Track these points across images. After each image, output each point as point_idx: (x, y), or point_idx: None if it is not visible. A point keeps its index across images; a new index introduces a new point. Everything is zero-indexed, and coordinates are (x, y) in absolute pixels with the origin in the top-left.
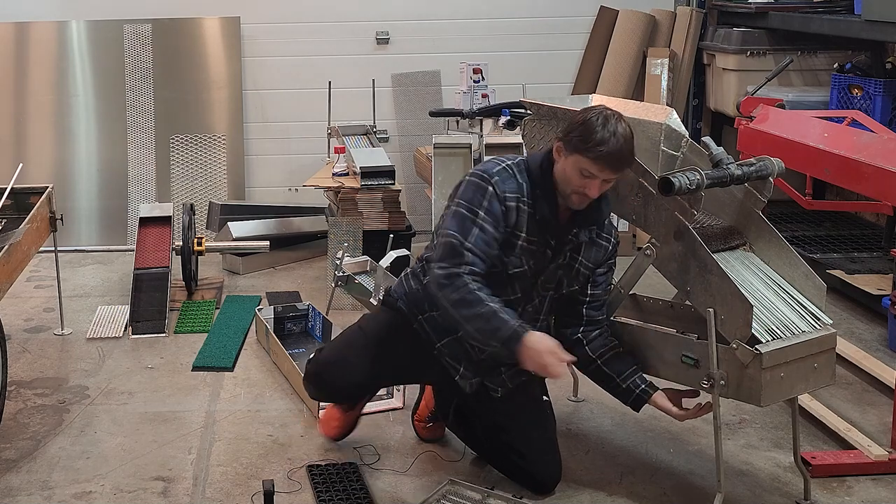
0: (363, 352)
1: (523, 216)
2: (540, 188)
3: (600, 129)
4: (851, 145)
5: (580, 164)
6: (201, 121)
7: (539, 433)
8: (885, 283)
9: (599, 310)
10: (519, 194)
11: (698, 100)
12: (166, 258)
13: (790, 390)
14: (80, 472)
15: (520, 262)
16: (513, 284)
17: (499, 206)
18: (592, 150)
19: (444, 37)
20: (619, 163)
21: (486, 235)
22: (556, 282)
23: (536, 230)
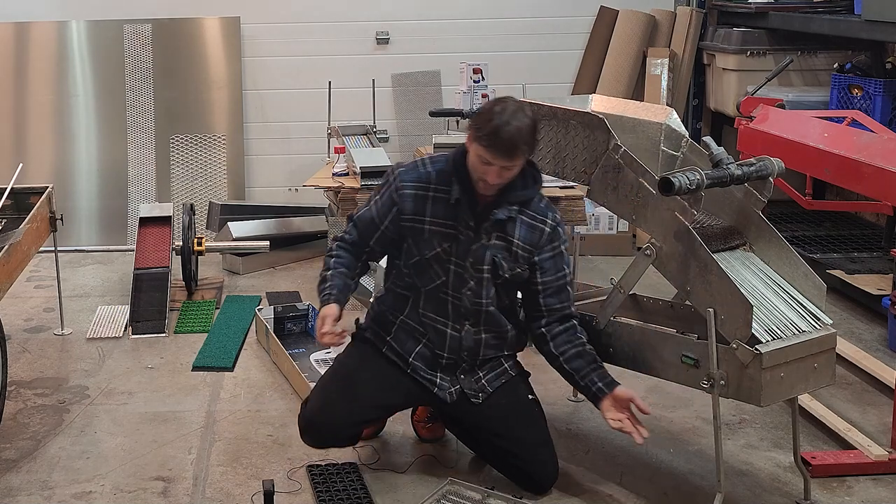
0: (345, 393)
1: (427, 202)
2: (455, 174)
3: (496, 118)
4: (851, 145)
5: (478, 152)
6: (201, 121)
7: (531, 434)
8: (885, 283)
9: (557, 298)
10: (421, 182)
11: (698, 100)
12: (166, 258)
13: (790, 390)
14: (80, 472)
15: (432, 245)
16: (433, 268)
17: (389, 196)
18: (485, 139)
19: (444, 37)
20: (509, 151)
21: (368, 214)
22: (492, 264)
23: (451, 213)
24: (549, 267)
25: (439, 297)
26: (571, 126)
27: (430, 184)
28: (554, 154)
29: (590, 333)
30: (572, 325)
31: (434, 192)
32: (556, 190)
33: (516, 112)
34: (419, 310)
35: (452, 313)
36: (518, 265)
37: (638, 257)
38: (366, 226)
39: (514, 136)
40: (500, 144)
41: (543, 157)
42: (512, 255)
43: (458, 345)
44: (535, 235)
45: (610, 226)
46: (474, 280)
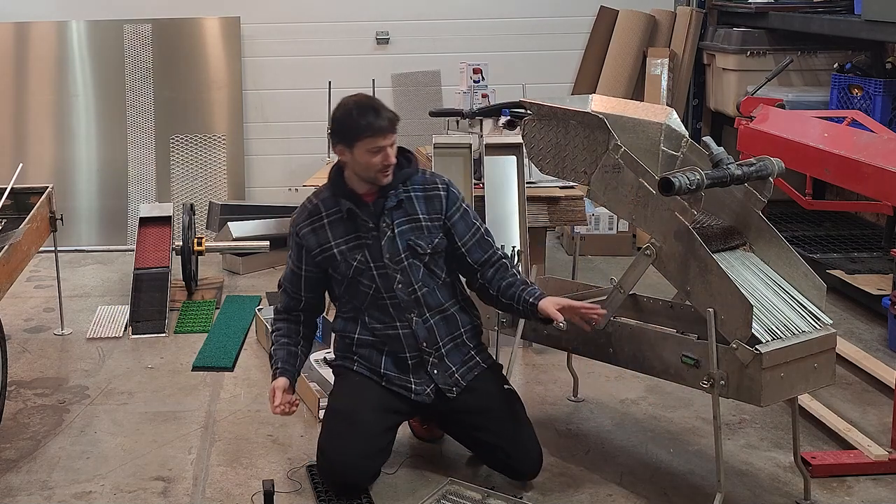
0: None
1: (325, 229)
2: (338, 192)
3: (357, 111)
4: (851, 145)
5: (366, 147)
6: (201, 121)
7: (510, 424)
8: (885, 283)
9: (480, 250)
10: (312, 217)
11: (698, 100)
12: (166, 258)
13: (790, 390)
14: (80, 472)
15: (350, 263)
16: (361, 281)
17: (296, 244)
18: (367, 129)
19: (444, 37)
20: (391, 122)
21: (290, 274)
22: (407, 249)
23: (350, 226)
24: (461, 227)
25: (378, 304)
26: (571, 126)
27: (321, 212)
28: (554, 154)
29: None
30: (501, 265)
31: (327, 217)
32: (556, 190)
33: (360, 97)
34: (368, 325)
35: (395, 312)
36: (433, 236)
37: (638, 257)
38: (291, 282)
39: (382, 110)
40: (381, 123)
41: (543, 157)
42: (424, 230)
43: (414, 339)
44: (435, 204)
45: (610, 226)
46: (399, 272)
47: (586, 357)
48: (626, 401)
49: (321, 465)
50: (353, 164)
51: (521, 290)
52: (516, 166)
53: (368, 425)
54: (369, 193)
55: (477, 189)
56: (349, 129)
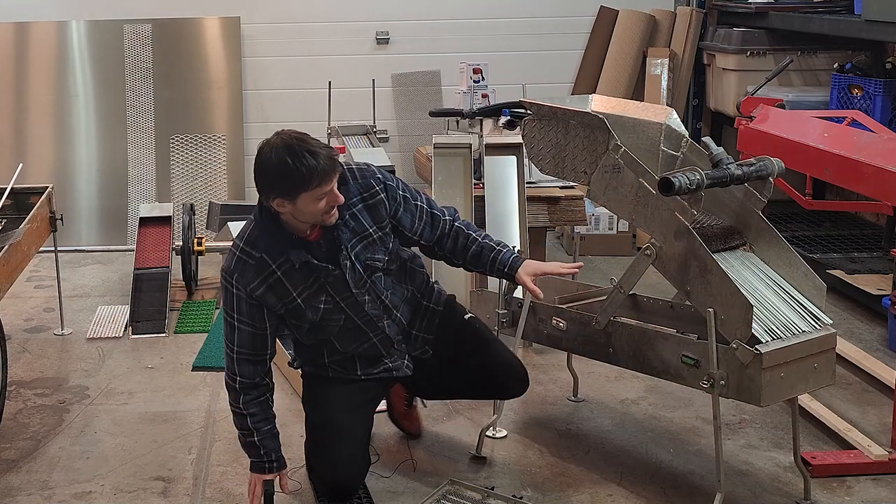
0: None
1: (281, 282)
2: (282, 243)
3: (300, 165)
4: (851, 145)
5: (313, 196)
6: (201, 121)
7: (484, 348)
8: (885, 283)
9: (431, 229)
10: (262, 274)
11: (698, 100)
12: (166, 258)
13: (790, 390)
14: (80, 472)
15: (317, 308)
16: (330, 319)
17: (247, 303)
18: (311, 182)
19: (444, 37)
20: (331, 164)
21: (244, 336)
22: (367, 269)
23: (306, 273)
24: (407, 219)
25: (349, 329)
26: (571, 126)
27: (271, 266)
28: (554, 154)
29: (590, 333)
30: (457, 230)
31: (279, 269)
32: (556, 190)
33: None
34: (340, 351)
35: (368, 328)
36: (386, 243)
37: (638, 257)
38: (253, 346)
39: (319, 149)
40: (323, 166)
41: (543, 157)
42: (377, 242)
43: (389, 340)
44: (379, 210)
45: (610, 226)
46: (366, 293)
47: (586, 357)
48: (626, 401)
49: (313, 477)
50: (296, 213)
51: (491, 258)
52: (516, 166)
53: (346, 429)
54: (314, 231)
55: (477, 189)
56: (288, 181)
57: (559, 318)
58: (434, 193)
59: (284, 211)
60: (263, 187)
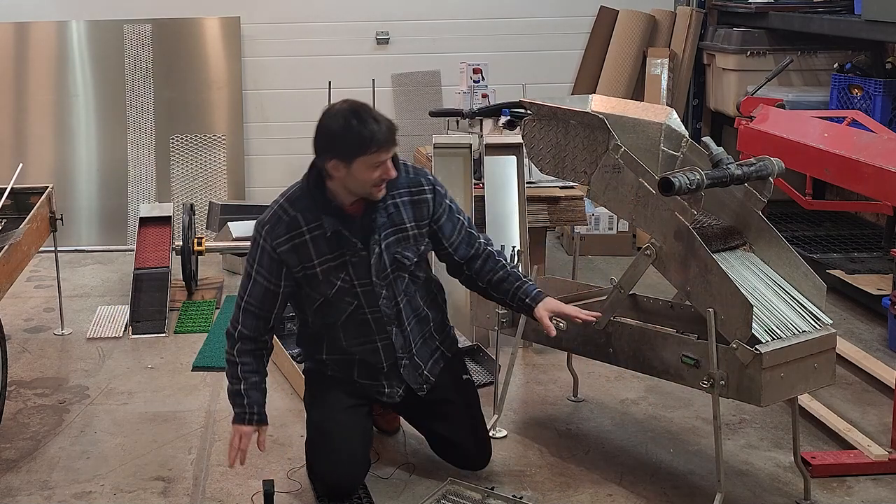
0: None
1: (306, 248)
2: (319, 207)
3: (362, 127)
4: (851, 145)
5: (369, 163)
6: (201, 121)
7: (467, 417)
8: (885, 283)
9: (467, 246)
10: (292, 232)
11: (698, 100)
12: (166, 258)
13: (790, 390)
14: (80, 472)
15: (332, 284)
16: (342, 300)
17: (269, 258)
18: (373, 144)
19: (444, 37)
20: (391, 134)
21: (258, 289)
22: (393, 263)
23: (334, 244)
24: (448, 228)
25: (358, 320)
26: (571, 126)
27: (301, 227)
28: (554, 154)
29: (590, 333)
30: (488, 255)
31: (309, 233)
32: (556, 190)
33: (354, 104)
34: (341, 343)
35: (376, 326)
36: (419, 244)
37: (638, 257)
38: (262, 300)
39: (382, 119)
40: (384, 135)
41: (543, 157)
42: (410, 240)
43: (392, 349)
44: (422, 209)
45: (610, 226)
46: (384, 287)
47: (586, 357)
48: (626, 401)
49: (313, 478)
50: (347, 180)
51: (515, 287)
52: (516, 166)
53: (346, 427)
54: (355, 205)
55: (477, 189)
56: (350, 143)
57: (559, 319)
58: None
59: (338, 176)
60: (322, 148)
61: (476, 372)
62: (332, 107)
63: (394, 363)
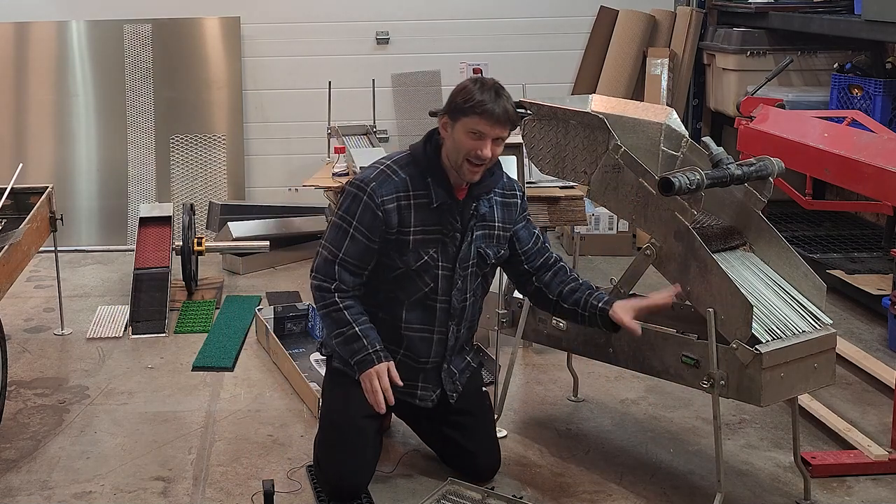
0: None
1: (408, 212)
2: (431, 175)
3: (479, 92)
4: (851, 145)
5: (468, 127)
6: (201, 121)
7: (483, 428)
8: (885, 283)
9: (539, 257)
10: (399, 192)
11: (698, 100)
12: (166, 258)
13: (790, 390)
14: (80, 472)
15: (419, 256)
16: (422, 277)
17: (373, 214)
18: (478, 107)
19: (444, 37)
20: (506, 114)
21: (357, 246)
22: (476, 256)
23: (435, 217)
24: (524, 236)
25: (426, 305)
26: (571, 126)
27: (409, 191)
28: (554, 154)
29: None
30: (560, 268)
31: (414, 199)
32: (556, 190)
33: (495, 84)
34: (399, 322)
35: (440, 317)
36: (500, 247)
37: (638, 257)
38: (360, 257)
39: (507, 103)
40: (494, 110)
41: (543, 157)
42: (495, 239)
43: (444, 347)
44: (511, 212)
45: (610, 226)
46: (462, 278)
47: (586, 357)
48: (626, 401)
49: (320, 476)
50: (449, 144)
51: (587, 294)
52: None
53: (364, 435)
54: (460, 189)
55: None
56: (463, 100)
57: (559, 318)
58: None
59: (445, 135)
60: (446, 102)
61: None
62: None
63: (438, 364)
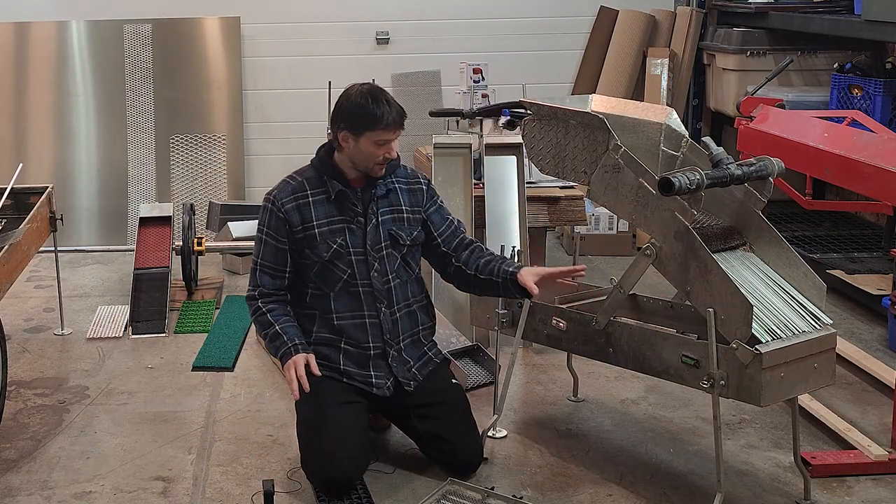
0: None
1: (309, 208)
2: (326, 172)
3: (374, 106)
4: (851, 145)
5: (374, 139)
6: (201, 121)
7: (458, 418)
8: (885, 283)
9: (456, 238)
10: (297, 193)
11: (698, 100)
12: (166, 258)
13: (790, 390)
14: (80, 472)
15: (328, 246)
16: (337, 266)
17: (276, 217)
18: (381, 122)
19: (444, 37)
20: (400, 117)
21: (269, 249)
22: (388, 238)
23: (335, 208)
24: (437, 220)
25: (349, 292)
26: (571, 126)
27: (306, 190)
28: (554, 154)
29: (590, 333)
30: (476, 247)
31: (312, 195)
32: (556, 190)
33: (372, 87)
34: (331, 314)
35: (366, 300)
36: (413, 228)
37: (638, 257)
38: (274, 259)
39: (394, 104)
40: (393, 119)
41: (543, 157)
42: (405, 222)
43: (380, 330)
44: (417, 196)
45: (610, 226)
46: (377, 260)
47: (586, 357)
48: (626, 401)
49: (309, 475)
50: (353, 153)
51: (500, 263)
52: (516, 166)
53: (339, 423)
54: (357, 180)
55: (477, 189)
56: (361, 118)
57: (559, 318)
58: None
59: (346, 147)
60: (337, 118)
61: (476, 372)
62: (353, 86)
63: (381, 351)
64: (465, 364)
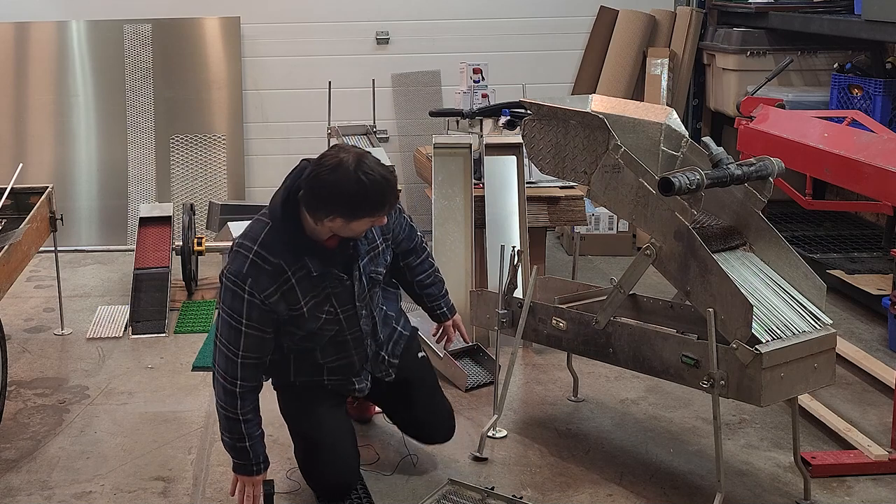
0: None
1: (293, 289)
2: (301, 251)
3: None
4: (851, 145)
5: (366, 222)
6: (201, 121)
7: (427, 393)
8: (885, 283)
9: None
10: (278, 281)
11: (698, 100)
12: (166, 258)
13: (790, 390)
14: (80, 472)
15: (318, 317)
16: (324, 328)
17: (259, 310)
18: (375, 211)
19: (444, 37)
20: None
21: (252, 340)
22: (370, 282)
23: (319, 281)
24: (397, 228)
25: (337, 342)
26: (571, 126)
27: (286, 273)
28: (554, 154)
29: (590, 333)
30: (427, 255)
31: (294, 275)
32: (556, 190)
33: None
34: (318, 361)
35: (354, 344)
36: (386, 254)
37: (638, 257)
38: (257, 350)
39: (391, 186)
40: (385, 205)
41: (543, 158)
42: (380, 254)
43: (365, 357)
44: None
45: (610, 226)
46: (365, 307)
47: (586, 357)
48: (626, 401)
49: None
50: (342, 230)
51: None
52: (516, 166)
53: (337, 430)
54: (331, 239)
55: (477, 189)
56: (359, 206)
57: (559, 318)
58: (434, 193)
59: (333, 226)
60: (327, 204)
61: (476, 372)
62: (335, 160)
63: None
64: (465, 364)
